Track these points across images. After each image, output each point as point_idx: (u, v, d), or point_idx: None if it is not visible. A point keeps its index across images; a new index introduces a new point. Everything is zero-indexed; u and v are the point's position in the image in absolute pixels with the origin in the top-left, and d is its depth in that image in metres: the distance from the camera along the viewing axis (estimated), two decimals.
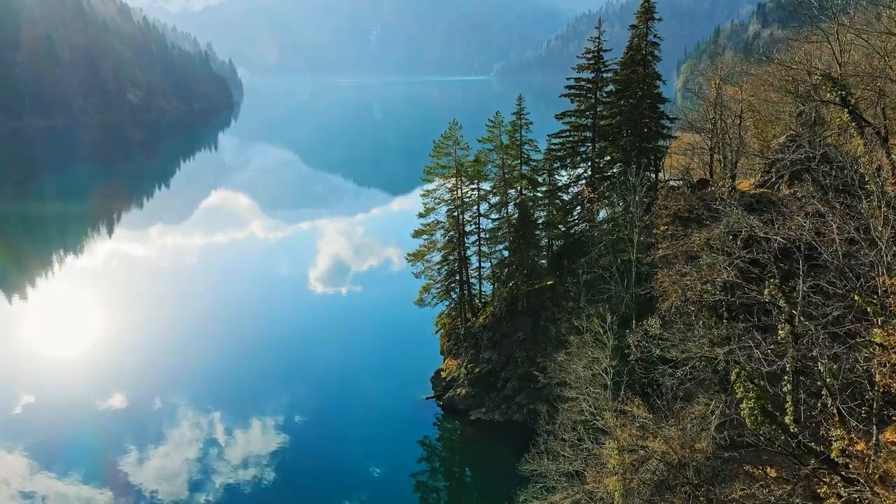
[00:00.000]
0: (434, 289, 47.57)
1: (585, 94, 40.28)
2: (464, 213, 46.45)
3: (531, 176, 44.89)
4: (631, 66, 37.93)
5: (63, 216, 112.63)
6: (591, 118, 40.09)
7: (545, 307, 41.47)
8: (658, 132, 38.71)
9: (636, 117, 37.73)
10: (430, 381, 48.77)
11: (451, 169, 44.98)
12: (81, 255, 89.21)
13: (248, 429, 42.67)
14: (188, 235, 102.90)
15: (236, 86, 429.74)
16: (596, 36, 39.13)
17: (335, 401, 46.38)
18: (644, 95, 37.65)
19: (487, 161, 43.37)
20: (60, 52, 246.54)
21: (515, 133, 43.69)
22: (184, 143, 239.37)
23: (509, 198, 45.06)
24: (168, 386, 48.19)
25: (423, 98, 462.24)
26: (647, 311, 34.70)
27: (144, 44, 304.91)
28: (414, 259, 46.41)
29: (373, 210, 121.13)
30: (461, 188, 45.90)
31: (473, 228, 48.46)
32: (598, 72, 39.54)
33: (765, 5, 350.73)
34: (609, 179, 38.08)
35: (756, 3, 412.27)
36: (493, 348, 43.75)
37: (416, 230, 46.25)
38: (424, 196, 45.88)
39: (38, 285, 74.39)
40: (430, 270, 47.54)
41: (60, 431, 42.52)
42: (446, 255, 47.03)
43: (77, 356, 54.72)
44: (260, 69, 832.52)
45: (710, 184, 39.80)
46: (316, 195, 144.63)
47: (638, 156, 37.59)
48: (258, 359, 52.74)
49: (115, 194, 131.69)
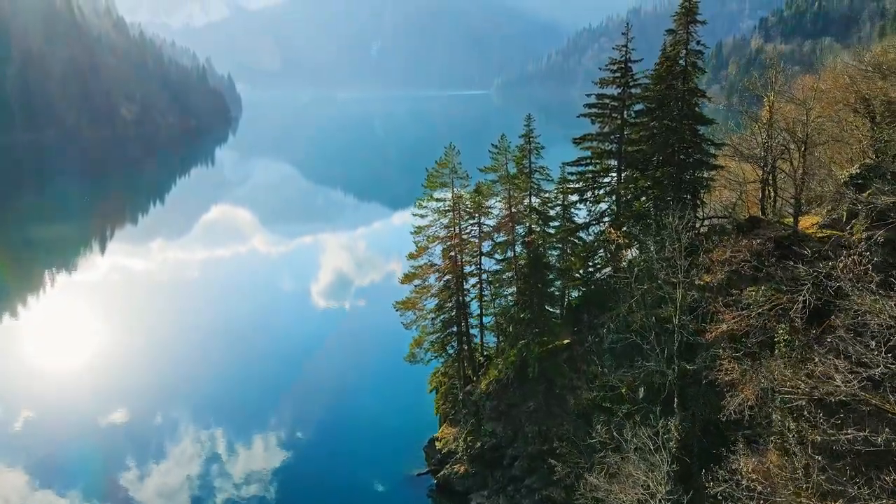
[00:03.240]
0: (427, 341, 40.23)
1: (610, 114, 33.11)
2: (463, 253, 39.28)
3: (542, 210, 37.73)
4: (666, 80, 30.80)
5: (59, 231, 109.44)
6: (617, 143, 32.91)
7: (561, 372, 34.04)
8: (701, 160, 31.40)
9: (674, 142, 30.54)
10: (424, 450, 41.25)
11: (447, 202, 37.85)
12: (80, 270, 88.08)
13: (249, 445, 42.13)
14: (187, 250, 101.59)
15: (235, 100, 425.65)
16: (623, 44, 31.97)
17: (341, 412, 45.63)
18: (683, 116, 30.48)
19: (491, 193, 36.22)
20: (52, 67, 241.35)
21: (524, 160, 36.59)
22: (179, 159, 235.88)
23: (516, 236, 37.83)
24: (169, 401, 47.90)
25: (423, 112, 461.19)
26: (699, 392, 27.31)
27: (140, 58, 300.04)
28: (403, 308, 39.07)
29: (374, 224, 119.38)
30: (459, 224, 38.74)
31: (474, 270, 41.25)
32: (626, 87, 32.41)
33: (766, 19, 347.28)
34: (640, 218, 30.76)
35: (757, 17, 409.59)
36: (497, 419, 36.27)
37: (406, 274, 39.01)
38: (415, 233, 38.68)
39: (38, 301, 73.52)
40: (423, 320, 40.25)
41: (61, 447, 42.24)
42: (442, 303, 39.73)
43: (77, 371, 54.21)
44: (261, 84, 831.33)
45: (763, 223, 32.55)
46: (316, 209, 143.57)
47: (676, 190, 30.36)
48: (258, 374, 52.34)
49: (109, 209, 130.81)
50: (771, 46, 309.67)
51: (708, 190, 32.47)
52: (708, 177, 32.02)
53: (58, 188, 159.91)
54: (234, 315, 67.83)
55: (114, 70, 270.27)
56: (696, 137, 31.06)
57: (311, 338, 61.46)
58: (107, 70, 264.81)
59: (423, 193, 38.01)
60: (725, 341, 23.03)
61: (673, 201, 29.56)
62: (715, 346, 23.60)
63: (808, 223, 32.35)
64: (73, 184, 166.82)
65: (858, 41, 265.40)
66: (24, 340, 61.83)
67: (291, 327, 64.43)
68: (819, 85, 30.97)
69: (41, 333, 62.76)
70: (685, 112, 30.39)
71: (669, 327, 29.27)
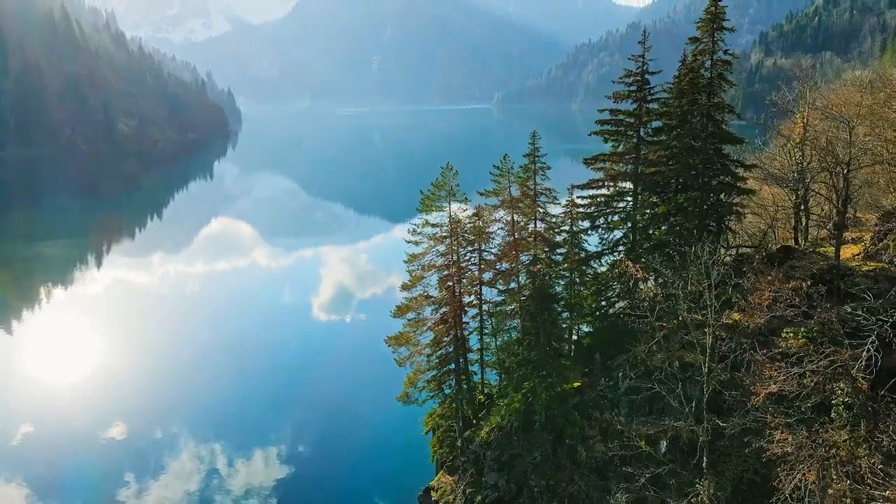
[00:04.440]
0: (423, 380, 36.51)
1: (625, 132, 29.64)
2: (461, 282, 35.72)
3: (549, 236, 34.25)
4: (689, 94, 27.38)
5: (55, 246, 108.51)
6: (633, 163, 29.45)
7: (570, 420, 30.31)
8: (730, 184, 27.85)
9: (697, 164, 27.07)
10: (419, 499, 37.37)
11: (443, 228, 34.37)
12: (78, 285, 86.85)
13: (249, 460, 41.51)
14: (185, 264, 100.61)
15: (235, 114, 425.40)
16: (640, 54, 28.56)
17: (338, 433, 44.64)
18: (709, 135, 27.04)
19: (492, 220, 32.76)
20: (50, 81, 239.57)
21: (528, 181, 33.15)
22: (176, 173, 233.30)
23: (521, 265, 34.28)
24: (168, 416, 47.23)
25: (423, 126, 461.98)
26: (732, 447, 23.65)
27: (139, 73, 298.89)
28: (395, 343, 35.40)
29: (374, 237, 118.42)
30: (458, 251, 35.23)
31: (473, 300, 37.66)
32: (643, 101, 29.00)
33: (766, 34, 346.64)
34: (660, 249, 27.20)
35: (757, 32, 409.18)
36: (500, 470, 32.45)
37: (399, 306, 35.38)
38: (409, 262, 35.16)
39: (36, 316, 72.78)
40: (418, 356, 36.56)
41: (59, 462, 41.77)
42: (438, 338, 36.08)
43: (76, 386, 53.55)
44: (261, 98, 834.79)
45: (797, 254, 29.04)
46: (316, 223, 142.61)
47: (701, 217, 26.82)
48: (259, 388, 51.58)
49: (105, 224, 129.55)
50: (771, 61, 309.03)
51: (738, 217, 28.96)
52: (738, 202, 28.50)
53: (52, 204, 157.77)
54: (233, 329, 67.07)
55: (112, 84, 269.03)
56: (722, 158, 27.61)
57: (310, 352, 60.52)
58: (104, 84, 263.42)
59: (418, 218, 34.54)
60: (771, 401, 19.38)
61: (697, 230, 26.02)
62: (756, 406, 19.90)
63: (848, 253, 28.88)
64: (68, 199, 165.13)
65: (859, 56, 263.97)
66: (23, 355, 61.20)
67: (291, 341, 63.53)
68: (863, 100, 27.54)
69: (39, 348, 62.20)
70: (711, 130, 26.96)
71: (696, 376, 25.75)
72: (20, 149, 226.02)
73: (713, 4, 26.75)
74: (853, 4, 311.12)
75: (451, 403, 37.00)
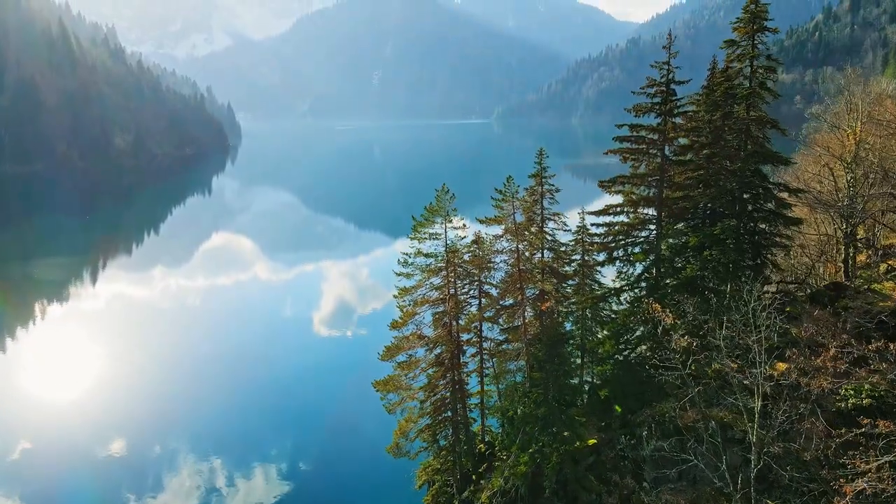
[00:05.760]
0: (415, 429, 32.28)
1: (647, 150, 25.62)
2: (458, 318, 31.63)
3: (558, 266, 30.22)
4: (723, 107, 23.39)
5: (51, 263, 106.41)
6: (657, 187, 25.40)
7: (585, 485, 26.00)
8: (775, 212, 23.75)
9: (735, 188, 23.03)
10: None
11: (438, 258, 30.34)
12: (75, 301, 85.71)
13: (249, 477, 40.69)
14: (183, 279, 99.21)
15: (234, 129, 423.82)
16: (664, 61, 24.52)
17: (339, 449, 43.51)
18: (749, 154, 23.04)
19: (493, 251, 28.74)
20: (46, 97, 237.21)
21: (535, 205, 29.18)
22: (173, 188, 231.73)
23: (527, 300, 30.21)
24: (167, 432, 46.59)
25: (424, 141, 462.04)
26: None
27: (137, 87, 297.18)
28: (384, 389, 31.19)
29: (374, 252, 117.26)
30: (455, 284, 31.17)
31: (472, 338, 33.55)
32: (668, 115, 25.01)
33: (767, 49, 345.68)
34: (690, 287, 23.08)
35: None
36: None
37: (387, 347, 31.22)
38: (399, 296, 31.06)
39: (33, 332, 71.75)
40: (410, 401, 32.38)
41: (58, 478, 41.26)
42: (433, 382, 31.92)
43: (75, 402, 53.02)
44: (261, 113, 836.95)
45: (850, 292, 24.94)
46: (316, 237, 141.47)
47: (740, 251, 22.69)
48: (258, 404, 50.85)
49: (103, 239, 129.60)
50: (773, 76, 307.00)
51: (786, 251, 24.91)
52: (787, 233, 24.33)
53: (47, 221, 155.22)
54: (233, 344, 66.45)
55: (108, 100, 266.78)
56: (764, 181, 23.54)
57: (311, 367, 59.81)
58: (101, 99, 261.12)
59: (409, 246, 30.54)
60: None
61: (734, 266, 21.95)
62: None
63: None
64: (64, 216, 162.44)
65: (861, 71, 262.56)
66: (21, 371, 60.76)
67: (291, 357, 62.99)
68: None
69: (38, 365, 61.78)
70: (751, 149, 22.94)
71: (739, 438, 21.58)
72: (15, 165, 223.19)
73: (753, 2, 22.82)
74: (854, 19, 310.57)
75: (447, 456, 32.72)
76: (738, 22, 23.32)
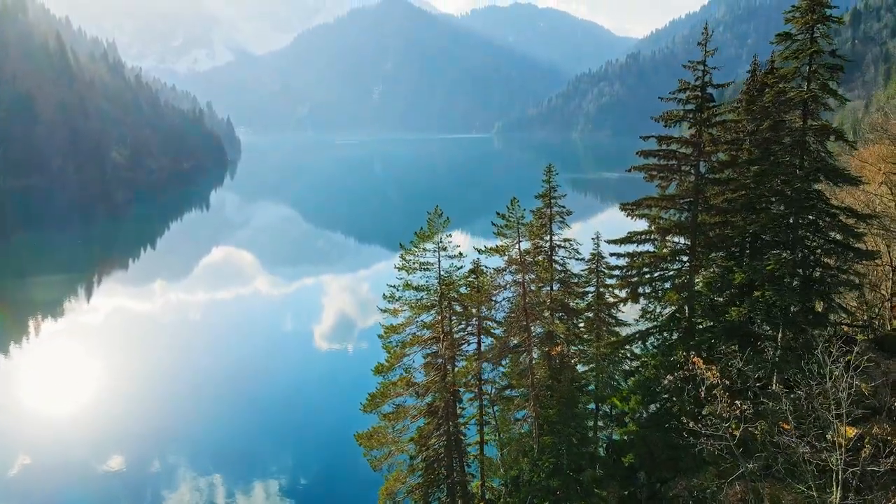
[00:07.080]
0: (404, 489, 27.86)
1: (678, 168, 21.37)
2: (455, 362, 27.32)
3: (570, 302, 26.01)
4: (774, 114, 19.21)
5: (48, 278, 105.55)
6: (690, 210, 21.17)
7: None
8: (843, 243, 19.38)
9: (788, 213, 18.76)
10: None
11: (431, 292, 26.12)
12: (75, 314, 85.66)
13: (249, 493, 40.58)
14: (181, 294, 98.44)
15: (234, 144, 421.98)
16: (700, 60, 20.42)
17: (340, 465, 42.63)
18: (809, 172, 18.82)
19: (494, 286, 24.52)
20: (42, 111, 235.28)
21: (543, 229, 25.04)
22: (170, 202, 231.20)
23: (534, 339, 25.94)
24: (166, 447, 46.50)
25: (424, 155, 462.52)
26: None
27: (135, 102, 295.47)
28: (368, 444, 26.82)
29: (375, 266, 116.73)
30: (450, 321, 26.91)
31: (471, 380, 29.19)
32: (704, 125, 20.82)
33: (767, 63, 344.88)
34: (735, 334, 18.78)
35: None
36: None
37: (371, 395, 26.89)
38: (384, 336, 26.79)
39: (33, 346, 71.66)
40: (398, 454, 28.00)
41: (57, 494, 41.22)
42: (425, 434, 27.54)
43: (74, 417, 52.98)
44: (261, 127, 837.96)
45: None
46: (316, 252, 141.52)
47: (804, 291, 18.29)
48: (258, 419, 50.67)
49: (100, 254, 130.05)
50: None
51: (860, 291, 20.61)
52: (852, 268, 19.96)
53: (43, 234, 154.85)
54: (233, 359, 66.20)
55: (105, 114, 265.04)
56: (828, 205, 19.27)
57: (311, 382, 59.50)
58: (99, 114, 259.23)
59: (396, 277, 26.33)
60: None
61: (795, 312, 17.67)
62: None
63: None
64: (59, 230, 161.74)
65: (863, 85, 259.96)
66: (20, 386, 60.63)
67: (292, 371, 62.79)
68: None
69: (36, 379, 61.46)
70: (809, 165, 18.68)
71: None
72: (10, 179, 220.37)
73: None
74: (854, 34, 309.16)
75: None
76: (794, 11, 19.16)
